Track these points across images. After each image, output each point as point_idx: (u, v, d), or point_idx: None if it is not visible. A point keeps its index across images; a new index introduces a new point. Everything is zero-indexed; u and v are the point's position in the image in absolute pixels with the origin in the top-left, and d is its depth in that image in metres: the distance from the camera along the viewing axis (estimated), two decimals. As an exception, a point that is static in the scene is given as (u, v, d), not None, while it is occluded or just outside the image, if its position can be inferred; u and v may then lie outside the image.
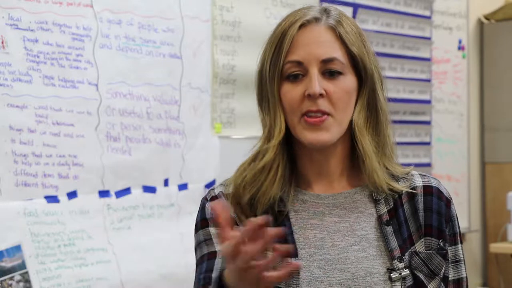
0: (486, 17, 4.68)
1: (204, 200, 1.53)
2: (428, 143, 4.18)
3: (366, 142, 1.46)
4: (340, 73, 1.45)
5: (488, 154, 4.65)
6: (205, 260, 1.47)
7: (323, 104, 1.43)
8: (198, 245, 1.51)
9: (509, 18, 4.63)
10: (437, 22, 4.29)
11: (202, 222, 1.51)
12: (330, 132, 1.44)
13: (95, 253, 2.66)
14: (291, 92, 1.45)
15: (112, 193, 2.74)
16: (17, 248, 2.46)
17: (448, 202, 1.52)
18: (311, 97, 1.43)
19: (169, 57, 2.92)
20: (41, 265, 2.50)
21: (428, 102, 4.20)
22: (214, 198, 1.51)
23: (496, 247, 4.35)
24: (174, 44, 2.94)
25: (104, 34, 2.72)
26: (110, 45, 2.74)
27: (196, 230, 1.52)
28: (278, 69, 1.46)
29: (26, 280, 2.46)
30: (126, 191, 2.78)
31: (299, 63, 1.45)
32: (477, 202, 4.62)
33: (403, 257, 1.45)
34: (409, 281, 1.45)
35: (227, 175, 1.61)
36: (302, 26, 1.46)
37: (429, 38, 4.20)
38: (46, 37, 2.55)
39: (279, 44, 1.46)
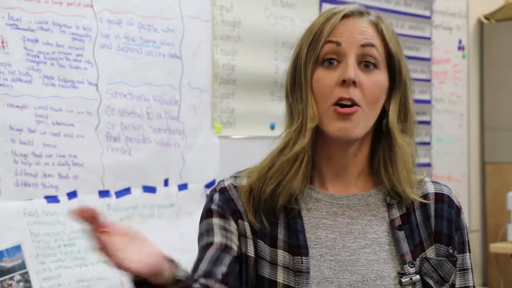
0: (486, 17, 4.68)
1: (213, 192, 1.52)
2: (428, 143, 4.18)
3: (403, 146, 1.46)
4: (375, 66, 1.45)
5: (488, 154, 4.65)
6: (200, 250, 1.48)
7: (355, 94, 1.42)
8: (200, 236, 1.50)
9: (509, 18, 4.63)
10: (437, 22, 4.29)
11: (207, 213, 1.50)
12: (358, 127, 1.43)
13: (95, 253, 2.65)
14: (325, 78, 1.44)
15: (112, 193, 2.74)
16: (17, 248, 2.46)
17: (458, 210, 1.52)
18: (345, 83, 1.41)
19: (169, 57, 2.92)
20: (41, 265, 2.50)
21: (428, 102, 4.20)
22: (223, 189, 1.50)
23: (496, 247, 4.35)
24: (174, 44, 2.94)
25: (104, 34, 2.72)
26: (110, 45, 2.74)
27: (201, 220, 1.51)
28: (315, 52, 1.44)
29: (26, 280, 2.46)
30: (126, 191, 2.78)
31: (338, 44, 1.43)
32: (477, 202, 4.62)
33: (414, 262, 1.45)
34: (419, 287, 1.45)
35: (227, 175, 1.61)
36: (345, 16, 1.46)
37: (429, 38, 4.20)
38: (46, 37, 2.55)
39: (320, 30, 1.45)
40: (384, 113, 1.49)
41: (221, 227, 1.47)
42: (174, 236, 2.89)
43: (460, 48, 4.47)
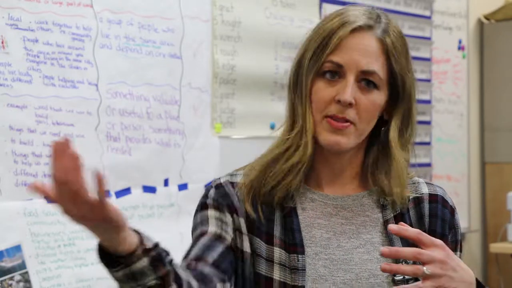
0: (486, 17, 4.68)
1: (208, 188, 1.54)
2: (428, 143, 4.18)
3: (399, 161, 1.48)
4: (375, 87, 1.46)
5: (488, 154, 4.65)
6: (193, 239, 1.49)
7: (349, 114, 1.44)
8: (194, 227, 1.52)
9: (509, 18, 4.63)
10: (437, 22, 4.29)
11: (202, 206, 1.52)
12: (349, 139, 1.45)
13: (95, 253, 2.65)
14: (323, 91, 1.45)
15: (112, 193, 2.74)
16: (17, 248, 2.46)
17: (452, 210, 1.55)
18: (341, 103, 1.43)
19: (169, 57, 2.92)
20: (41, 265, 2.50)
21: (428, 102, 4.20)
22: (218, 185, 1.52)
23: (496, 247, 4.35)
24: (174, 44, 2.94)
25: (104, 34, 2.72)
26: (110, 45, 2.74)
27: (195, 214, 1.53)
28: (317, 65, 1.45)
29: (26, 280, 2.46)
30: (126, 191, 2.78)
31: (339, 66, 1.44)
32: (477, 202, 4.62)
33: (408, 261, 1.46)
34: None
35: (226, 175, 1.61)
36: (354, 30, 1.45)
37: (429, 38, 4.20)
38: (46, 37, 2.55)
39: (325, 41, 1.45)
40: (382, 120, 1.51)
41: (216, 218, 1.49)
42: (174, 236, 2.89)
43: (460, 48, 4.47)
